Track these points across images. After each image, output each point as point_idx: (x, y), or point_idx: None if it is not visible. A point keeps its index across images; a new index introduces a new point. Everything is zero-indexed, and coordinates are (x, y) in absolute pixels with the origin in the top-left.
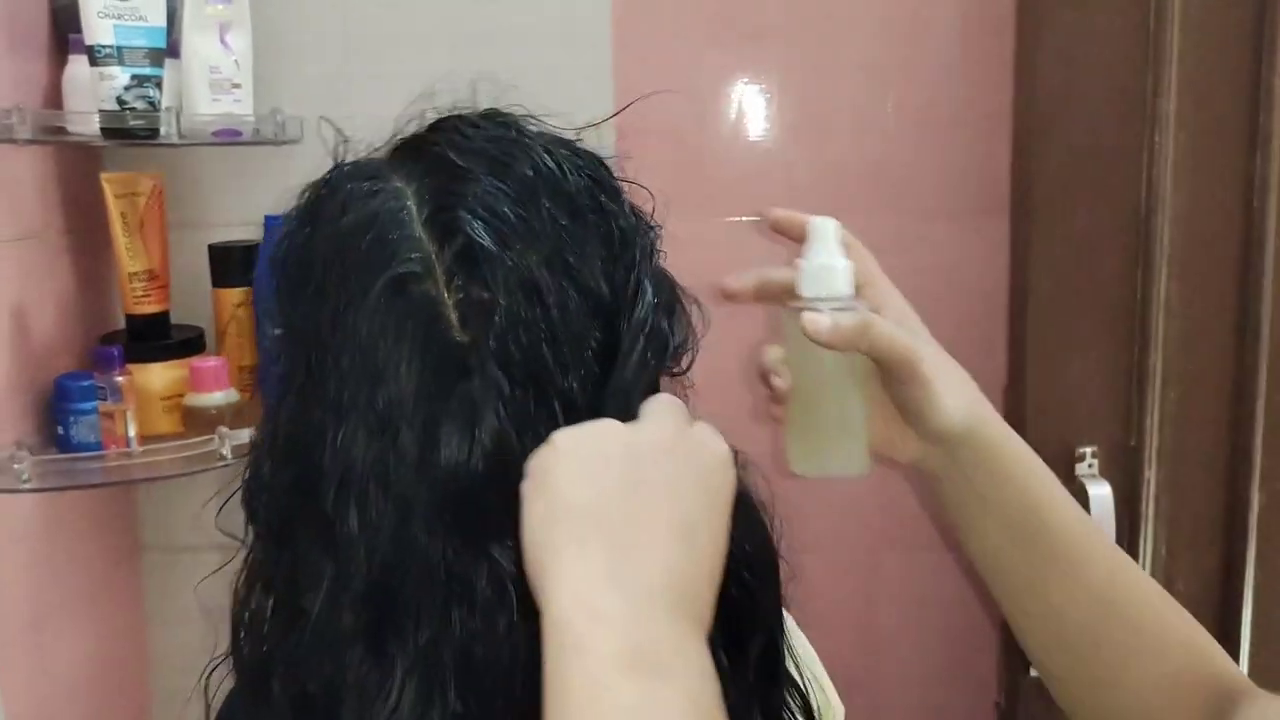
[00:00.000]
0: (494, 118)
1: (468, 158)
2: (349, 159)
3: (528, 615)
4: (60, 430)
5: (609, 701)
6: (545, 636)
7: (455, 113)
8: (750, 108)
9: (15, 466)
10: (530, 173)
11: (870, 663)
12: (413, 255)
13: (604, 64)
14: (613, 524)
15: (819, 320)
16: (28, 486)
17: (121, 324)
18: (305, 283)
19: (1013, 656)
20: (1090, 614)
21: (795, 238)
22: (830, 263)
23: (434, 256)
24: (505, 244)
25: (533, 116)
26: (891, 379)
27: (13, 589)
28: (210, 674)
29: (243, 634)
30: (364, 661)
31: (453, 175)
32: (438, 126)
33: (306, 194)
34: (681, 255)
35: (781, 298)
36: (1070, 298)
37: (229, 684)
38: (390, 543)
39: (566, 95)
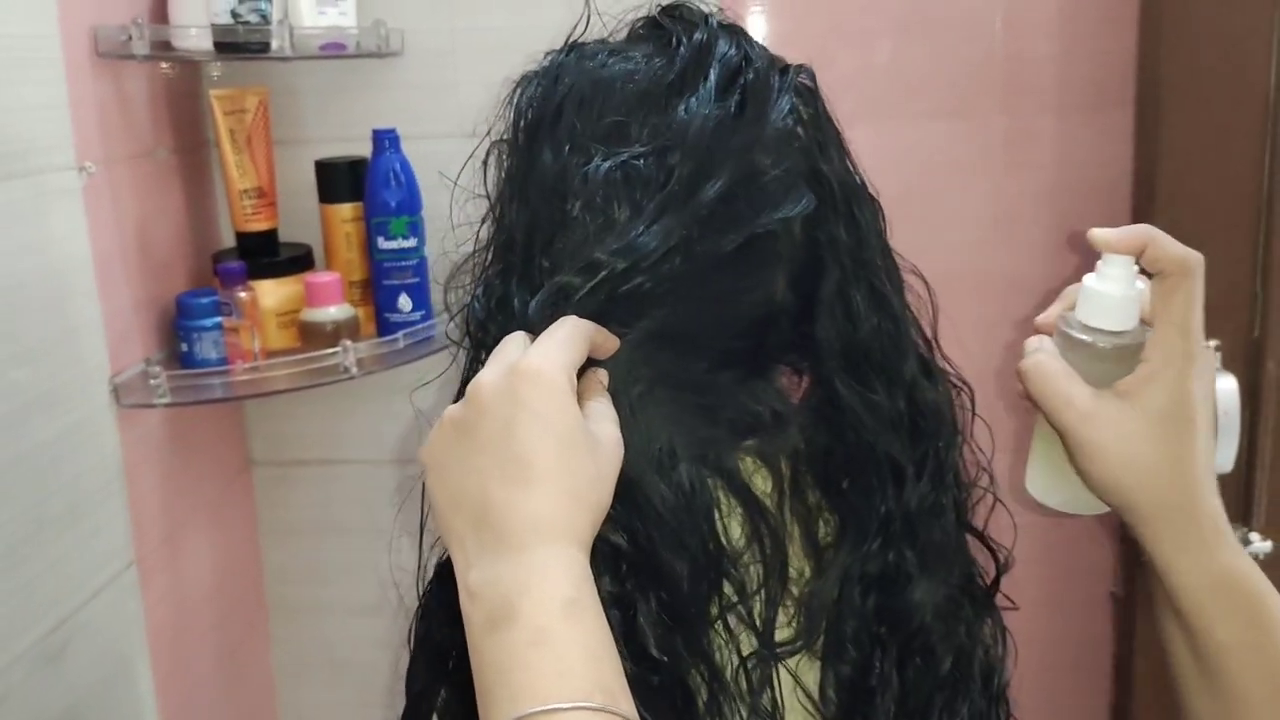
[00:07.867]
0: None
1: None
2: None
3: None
4: (184, 347)
5: (481, 665)
6: None
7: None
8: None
9: (151, 382)
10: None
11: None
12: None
13: None
14: (461, 506)
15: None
16: (163, 401)
17: (230, 242)
18: (553, 123)
19: (1129, 546)
20: None
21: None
22: (1109, 289)
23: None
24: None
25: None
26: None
27: (149, 503)
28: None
29: None
30: None
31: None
32: (669, 13)
33: (549, 57)
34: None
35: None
36: (1196, 190)
37: None
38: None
39: None
